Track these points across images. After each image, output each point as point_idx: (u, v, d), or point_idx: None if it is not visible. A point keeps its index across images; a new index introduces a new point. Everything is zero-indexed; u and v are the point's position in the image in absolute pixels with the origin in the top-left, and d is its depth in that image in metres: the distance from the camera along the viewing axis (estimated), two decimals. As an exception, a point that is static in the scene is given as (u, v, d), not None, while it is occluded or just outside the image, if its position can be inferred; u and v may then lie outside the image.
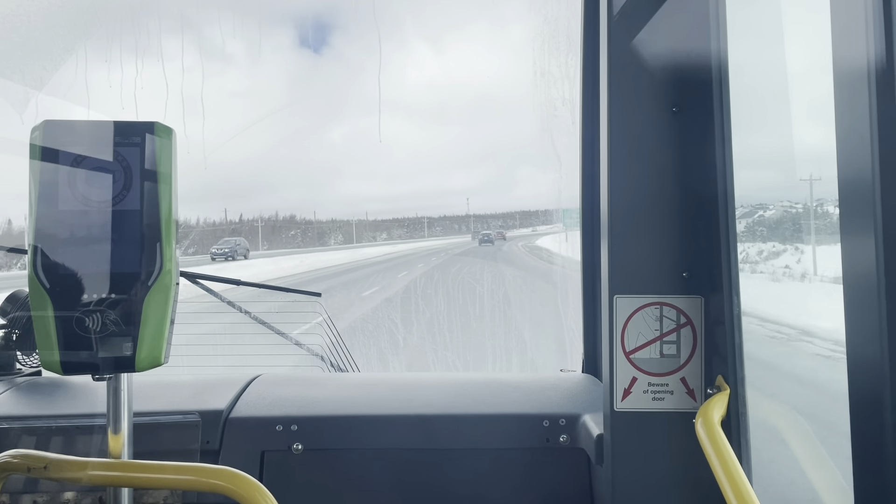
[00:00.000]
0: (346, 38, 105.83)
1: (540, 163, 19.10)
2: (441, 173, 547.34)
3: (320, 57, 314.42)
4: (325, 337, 2.46)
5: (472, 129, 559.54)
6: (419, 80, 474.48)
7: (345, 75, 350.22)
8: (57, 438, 1.74)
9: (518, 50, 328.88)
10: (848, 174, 0.92)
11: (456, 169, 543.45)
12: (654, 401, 1.45)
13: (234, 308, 2.40)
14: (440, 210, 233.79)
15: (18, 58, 2.23)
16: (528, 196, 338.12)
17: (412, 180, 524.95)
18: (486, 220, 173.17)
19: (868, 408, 0.92)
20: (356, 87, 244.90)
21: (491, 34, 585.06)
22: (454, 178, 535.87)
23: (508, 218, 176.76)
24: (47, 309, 1.31)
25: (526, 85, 24.21)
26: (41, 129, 1.33)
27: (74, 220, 1.32)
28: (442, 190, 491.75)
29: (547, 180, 4.07)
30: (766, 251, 2.50)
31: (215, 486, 1.25)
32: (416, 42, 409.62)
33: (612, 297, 1.44)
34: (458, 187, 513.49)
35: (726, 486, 1.12)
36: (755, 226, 2.25)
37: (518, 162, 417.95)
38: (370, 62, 46.04)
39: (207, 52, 2.52)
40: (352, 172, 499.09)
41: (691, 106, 1.41)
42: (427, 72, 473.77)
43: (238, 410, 1.83)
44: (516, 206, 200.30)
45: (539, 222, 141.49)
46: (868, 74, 0.86)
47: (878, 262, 0.87)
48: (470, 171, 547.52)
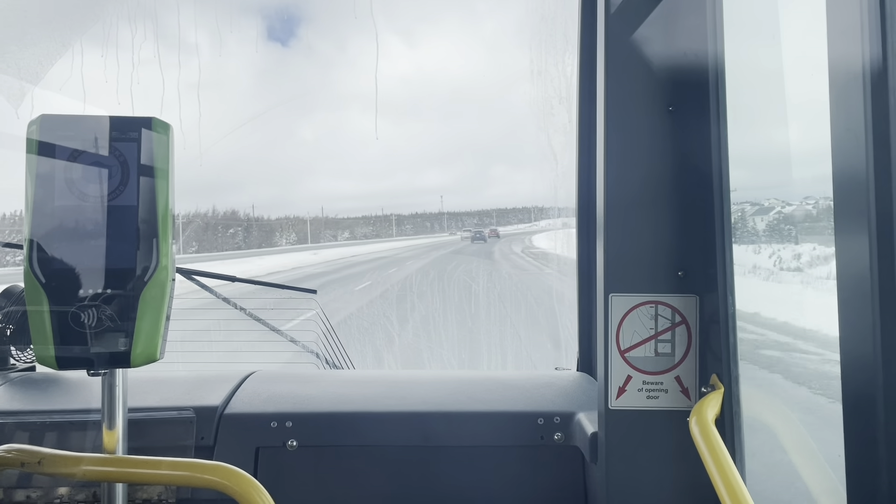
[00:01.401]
0: (316, 30, 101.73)
1: (515, 161, 18.56)
2: (415, 171, 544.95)
3: (288, 49, 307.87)
4: (320, 334, 2.46)
5: (447, 125, 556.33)
6: (392, 75, 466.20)
7: (314, 69, 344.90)
8: (51, 434, 1.74)
9: (491, 46, 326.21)
10: (843, 173, 0.92)
11: (430, 166, 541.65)
12: (648, 399, 1.45)
13: (230, 304, 2.40)
14: (413, 208, 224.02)
15: (15, 52, 2.23)
16: (504, 194, 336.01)
17: (385, 178, 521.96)
18: (461, 218, 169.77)
19: (861, 406, 0.92)
20: (326, 81, 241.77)
21: (463, 29, 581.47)
22: (428, 175, 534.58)
23: (484, 216, 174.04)
24: (43, 304, 1.30)
25: (502, 81, 23.59)
26: (37, 124, 1.32)
27: (71, 215, 1.32)
28: (415, 188, 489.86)
29: (522, 179, 4.07)
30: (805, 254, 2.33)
31: (210, 482, 1.25)
32: (387, 35, 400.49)
33: (608, 295, 1.45)
34: (432, 185, 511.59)
35: (720, 485, 1.13)
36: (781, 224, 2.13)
37: (493, 160, 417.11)
38: (340, 56, 44.88)
39: (169, 42, 2.48)
40: (324, 170, 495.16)
41: (688, 105, 1.41)
42: (399, 66, 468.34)
43: (233, 407, 1.83)
44: (492, 204, 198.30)
45: (516, 220, 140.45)
46: (863, 74, 0.86)
47: (871, 261, 0.87)
48: (444, 168, 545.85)
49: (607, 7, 1.43)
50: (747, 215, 1.98)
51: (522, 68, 2.78)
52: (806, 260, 2.22)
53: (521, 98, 22.04)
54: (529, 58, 3.62)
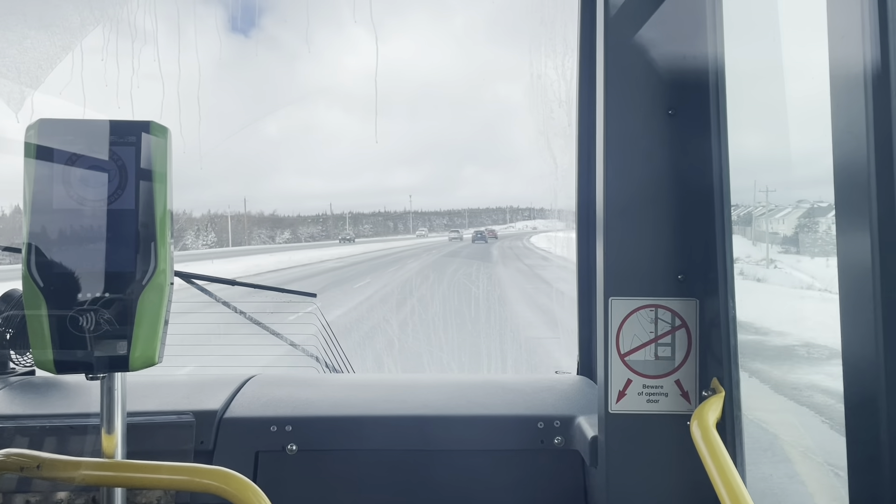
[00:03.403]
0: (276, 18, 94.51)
1: (485, 162, 17.54)
2: (383, 170, 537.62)
3: (248, 39, 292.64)
4: (320, 338, 2.46)
5: (416, 123, 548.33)
6: (358, 69, 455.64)
7: (277, 62, 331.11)
8: (50, 438, 1.74)
9: (463, 44, 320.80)
10: (844, 175, 0.92)
11: (399, 166, 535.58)
12: (648, 403, 1.45)
13: (230, 308, 2.39)
14: (382, 208, 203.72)
15: (14, 56, 2.23)
16: (475, 195, 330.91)
17: (353, 177, 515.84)
18: (430, 218, 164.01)
19: (863, 408, 0.92)
20: (289, 74, 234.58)
21: (434, 24, 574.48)
22: (397, 175, 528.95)
23: (455, 215, 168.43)
24: (41, 308, 1.30)
25: (475, 80, 22.66)
26: (36, 128, 1.32)
27: (69, 219, 1.31)
28: (384, 188, 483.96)
29: (494, 181, 4.06)
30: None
31: (209, 487, 1.25)
32: (353, 28, 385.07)
33: (608, 299, 1.44)
34: (401, 185, 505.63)
35: (721, 489, 1.12)
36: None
37: (463, 160, 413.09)
38: (303, 48, 43.08)
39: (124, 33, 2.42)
40: (290, 168, 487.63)
41: (687, 108, 1.41)
42: (366, 60, 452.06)
43: (232, 411, 1.83)
44: (463, 204, 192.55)
45: (490, 221, 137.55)
46: (864, 76, 0.86)
47: (873, 261, 0.87)
48: (413, 168, 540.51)
49: (607, 10, 1.43)
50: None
51: (495, 65, 2.72)
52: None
53: (493, 96, 21.23)
54: (529, 61, 3.62)
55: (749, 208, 1.84)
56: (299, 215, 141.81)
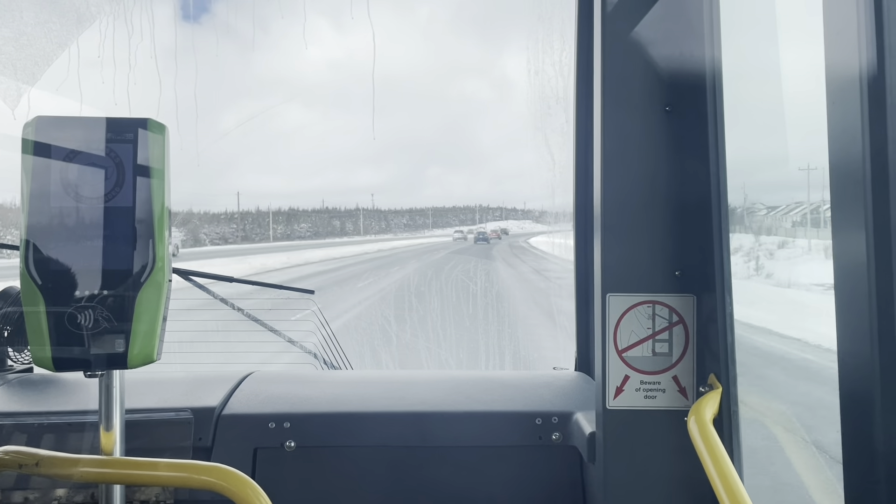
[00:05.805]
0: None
1: (449, 163, 17.43)
2: (347, 168, 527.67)
3: (200, 26, 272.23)
4: (318, 334, 2.46)
5: (380, 120, 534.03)
6: (319, 61, 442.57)
7: (232, 52, 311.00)
8: (49, 435, 1.74)
9: (429, 37, 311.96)
10: (839, 173, 0.92)
11: (364, 164, 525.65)
12: (646, 399, 1.45)
13: (228, 305, 2.39)
14: (347, 206, 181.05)
15: (10, 53, 2.22)
16: (440, 195, 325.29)
17: (315, 175, 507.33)
18: (387, 217, 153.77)
19: (859, 407, 0.93)
20: (246, 65, 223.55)
21: (398, 16, 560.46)
22: (361, 174, 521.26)
23: (418, 215, 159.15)
24: (39, 305, 1.30)
25: (443, 76, 22.01)
26: (33, 125, 1.32)
27: (67, 217, 1.32)
28: (347, 186, 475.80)
29: (459, 181, 4.03)
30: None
31: (207, 483, 1.25)
32: (314, 17, 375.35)
33: (605, 295, 1.45)
34: (364, 184, 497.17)
35: (718, 484, 1.13)
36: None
37: (428, 159, 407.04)
38: (262, 37, 40.86)
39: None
40: (249, 165, 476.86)
41: (684, 105, 1.41)
42: (329, 52, 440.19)
43: (231, 407, 1.83)
44: (427, 202, 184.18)
45: (457, 221, 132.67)
46: (860, 76, 0.86)
47: (868, 260, 0.87)
48: (377, 166, 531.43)
49: (604, 7, 1.43)
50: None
51: (463, 60, 2.66)
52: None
53: (460, 93, 20.71)
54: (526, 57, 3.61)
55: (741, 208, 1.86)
56: (206, 212, 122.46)
